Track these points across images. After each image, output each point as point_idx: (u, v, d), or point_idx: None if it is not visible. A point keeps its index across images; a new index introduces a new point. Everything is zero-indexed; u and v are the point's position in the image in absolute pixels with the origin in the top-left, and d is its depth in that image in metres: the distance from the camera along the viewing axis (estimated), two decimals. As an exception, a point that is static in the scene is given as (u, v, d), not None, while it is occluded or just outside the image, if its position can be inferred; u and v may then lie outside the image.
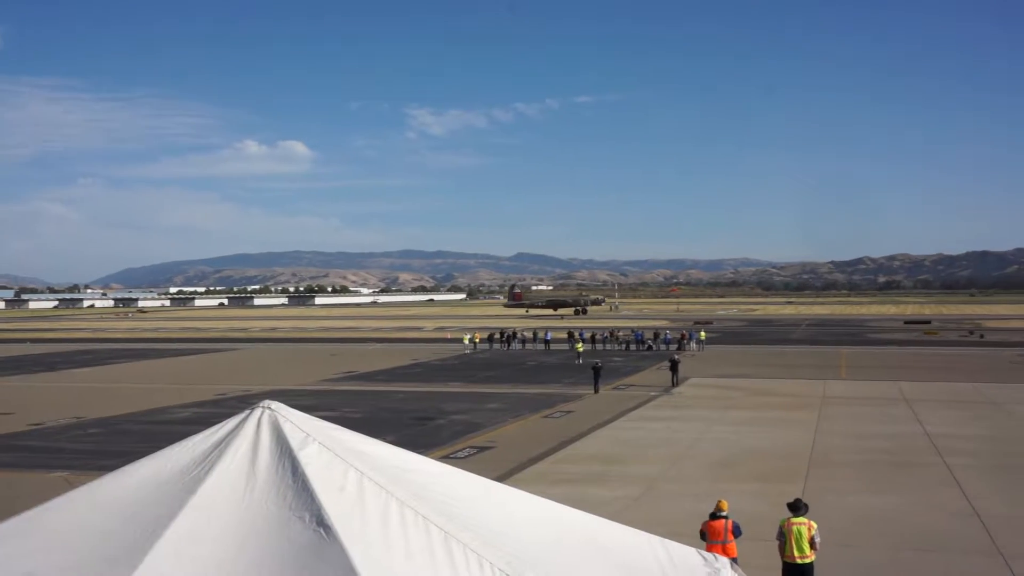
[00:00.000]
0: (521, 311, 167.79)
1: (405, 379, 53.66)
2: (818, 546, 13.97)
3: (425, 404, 41.54)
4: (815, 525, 14.09)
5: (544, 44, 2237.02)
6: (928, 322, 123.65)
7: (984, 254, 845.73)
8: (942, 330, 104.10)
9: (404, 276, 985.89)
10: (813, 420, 35.12)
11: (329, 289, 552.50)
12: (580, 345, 69.76)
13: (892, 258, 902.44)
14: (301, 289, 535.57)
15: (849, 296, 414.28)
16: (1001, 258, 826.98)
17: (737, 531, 14.31)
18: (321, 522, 6.48)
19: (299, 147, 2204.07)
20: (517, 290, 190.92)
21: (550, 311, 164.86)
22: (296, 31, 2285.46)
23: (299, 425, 7.48)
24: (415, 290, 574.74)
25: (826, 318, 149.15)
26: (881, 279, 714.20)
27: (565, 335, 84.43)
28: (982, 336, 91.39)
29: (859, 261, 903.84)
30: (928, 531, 19.18)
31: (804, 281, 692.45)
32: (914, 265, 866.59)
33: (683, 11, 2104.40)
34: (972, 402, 40.55)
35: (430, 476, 7.98)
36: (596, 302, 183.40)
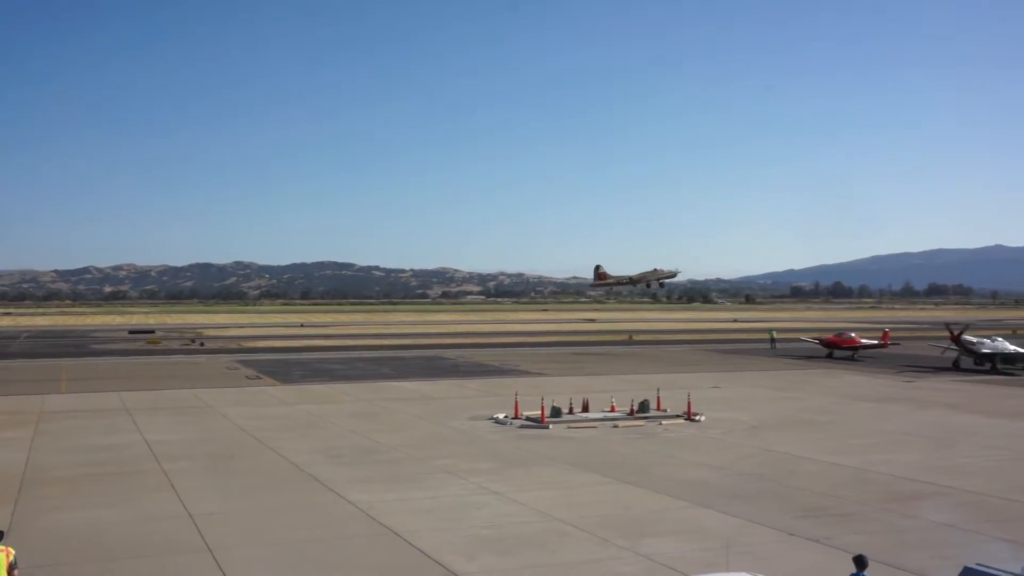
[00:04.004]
0: (605, 288, 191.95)
1: None
2: (17, 573, 13.43)
3: None
4: (12, 551, 13.53)
5: None
6: (152, 331, 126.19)
7: (207, 266, 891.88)
8: (165, 339, 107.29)
9: None
10: (29, 437, 33.61)
11: None
12: None
13: (119, 268, 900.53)
14: None
15: (73, 306, 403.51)
16: (221, 270, 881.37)
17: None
18: None
19: None
20: (602, 271, 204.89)
21: (631, 287, 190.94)
22: None
23: None
24: None
25: (48, 329, 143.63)
26: (107, 289, 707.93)
27: None
28: (203, 344, 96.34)
29: (85, 270, 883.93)
30: (142, 538, 19.49)
31: (24, 291, 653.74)
32: (140, 275, 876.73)
33: None
34: (190, 408, 42.46)
35: None
36: (671, 276, 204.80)
